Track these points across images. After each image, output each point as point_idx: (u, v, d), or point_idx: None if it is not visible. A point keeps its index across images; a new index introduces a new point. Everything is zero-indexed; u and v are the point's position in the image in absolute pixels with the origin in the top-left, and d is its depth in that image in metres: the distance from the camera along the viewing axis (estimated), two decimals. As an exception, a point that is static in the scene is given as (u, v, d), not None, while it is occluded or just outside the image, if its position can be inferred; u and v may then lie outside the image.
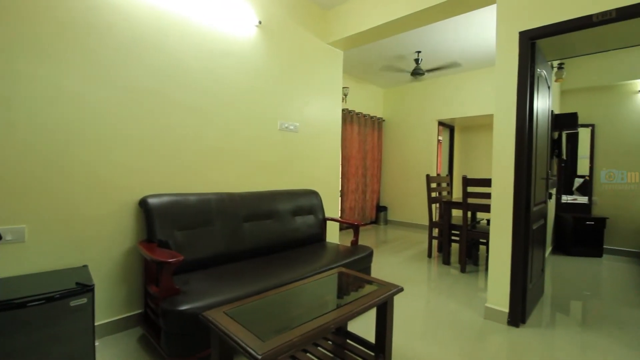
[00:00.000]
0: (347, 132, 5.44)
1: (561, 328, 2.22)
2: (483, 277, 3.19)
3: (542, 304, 2.61)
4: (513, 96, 2.21)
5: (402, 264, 3.65)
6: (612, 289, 3.02)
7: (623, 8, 1.84)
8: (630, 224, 4.13)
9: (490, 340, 2.04)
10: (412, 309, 2.47)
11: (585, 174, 4.47)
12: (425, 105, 5.78)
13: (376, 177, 6.14)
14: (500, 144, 2.27)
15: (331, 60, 3.44)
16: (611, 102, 4.32)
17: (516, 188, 2.19)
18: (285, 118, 2.97)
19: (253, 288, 1.71)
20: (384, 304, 1.54)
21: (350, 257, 2.30)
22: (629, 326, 2.24)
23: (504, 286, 2.24)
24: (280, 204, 2.57)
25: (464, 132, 7.12)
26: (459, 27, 3.71)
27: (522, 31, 2.18)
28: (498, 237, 2.28)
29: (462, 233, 3.37)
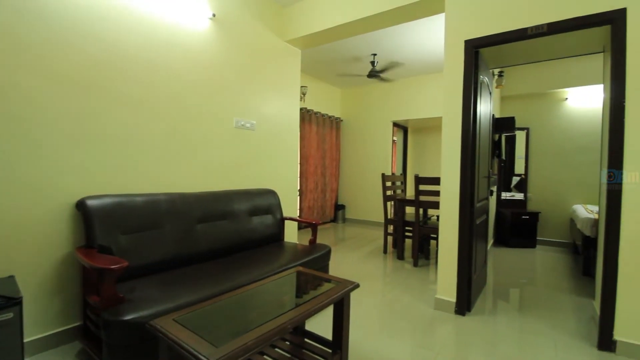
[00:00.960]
0: (305, 131, 5.45)
1: (502, 314, 2.42)
2: (434, 270, 3.38)
3: (485, 293, 2.83)
4: (459, 100, 2.36)
5: (359, 260, 3.75)
6: (545, 277, 3.36)
7: (553, 23, 2.05)
8: (558, 217, 4.63)
9: (439, 329, 2.17)
10: (369, 304, 2.54)
11: (521, 173, 4.92)
12: (381, 107, 5.97)
13: (334, 176, 6.23)
14: (448, 144, 2.42)
15: (289, 58, 3.42)
16: (543, 108, 4.80)
17: (462, 186, 2.35)
18: (242, 115, 2.90)
19: (206, 292, 1.65)
20: (341, 301, 1.56)
21: (308, 256, 2.31)
22: (558, 309, 2.51)
23: (451, 278, 2.40)
24: (237, 204, 2.50)
25: (416, 133, 7.48)
26: (413, 33, 3.88)
27: (467, 40, 2.34)
28: (446, 232, 2.43)
29: (415, 229, 3.54)
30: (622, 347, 1.86)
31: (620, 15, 1.86)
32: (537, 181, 4.82)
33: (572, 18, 1.99)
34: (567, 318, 2.34)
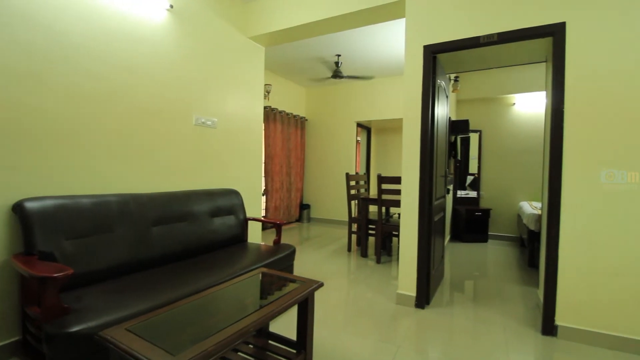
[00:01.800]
0: (270, 130, 5.38)
1: (458, 306, 2.56)
2: (396, 267, 3.49)
3: (442, 286, 2.97)
4: (418, 103, 2.46)
5: (324, 259, 3.77)
6: (495, 269, 3.60)
7: (502, 33, 2.20)
8: (507, 213, 5.00)
9: (401, 323, 2.24)
10: (334, 302, 2.56)
11: (475, 172, 5.24)
12: (345, 107, 6.06)
13: (300, 176, 6.22)
14: (408, 145, 2.50)
15: (252, 55, 3.35)
16: (494, 111, 5.15)
17: (421, 185, 2.45)
18: (202, 112, 2.79)
19: (163, 298, 1.56)
20: (305, 300, 1.56)
21: (272, 257, 2.27)
22: (507, 299, 2.70)
23: (411, 273, 2.49)
24: (197, 205, 2.40)
25: (380, 133, 7.69)
26: (377, 36, 3.97)
27: (426, 45, 2.44)
28: (406, 229, 2.52)
29: (378, 227, 3.63)
30: (562, 331, 2.04)
31: (561, 29, 2.04)
32: (488, 180, 5.16)
33: (519, 29, 2.15)
34: (515, 306, 2.53)
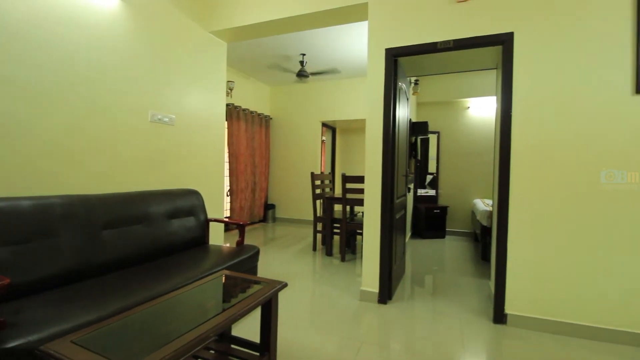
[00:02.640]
0: (234, 128, 5.24)
1: (418, 300, 2.67)
2: (360, 264, 3.56)
3: (404, 281, 3.08)
4: (380, 104, 2.52)
5: (289, 259, 3.75)
6: (452, 263, 3.80)
7: (458, 39, 2.32)
8: (463, 210, 5.30)
9: (364, 319, 2.29)
10: (298, 302, 2.56)
11: (433, 172, 5.50)
12: (310, 107, 6.07)
13: (264, 175, 6.13)
14: (371, 145, 2.56)
15: (214, 50, 3.24)
16: (451, 114, 5.43)
17: (383, 184, 2.52)
18: (159, 109, 2.64)
19: (116, 306, 1.46)
20: (269, 302, 1.54)
21: (235, 259, 2.21)
22: (463, 291, 2.85)
23: (374, 270, 2.55)
24: (153, 206, 2.27)
25: (344, 133, 7.80)
26: (340, 37, 4.01)
27: (388, 48, 2.51)
28: (369, 227, 2.58)
29: (342, 226, 3.68)
30: (511, 319, 2.20)
31: (509, 38, 2.20)
32: (446, 179, 5.43)
33: (472, 37, 2.28)
34: (469, 298, 2.69)
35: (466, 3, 2.29)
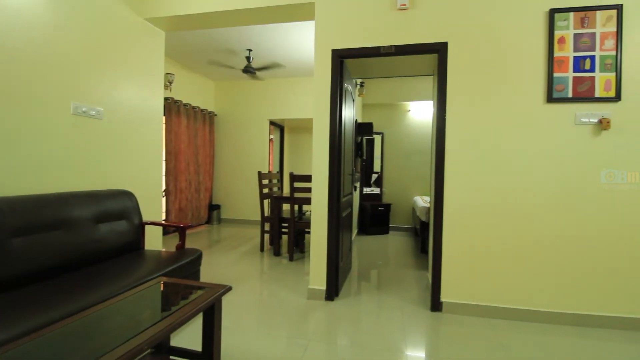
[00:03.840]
0: (174, 124, 4.91)
1: (364, 294, 2.76)
2: (308, 263, 3.58)
3: (350, 277, 3.17)
4: (327, 104, 2.55)
5: (236, 261, 3.63)
6: (395, 257, 4.01)
7: (399, 45, 2.44)
8: (404, 207, 5.61)
9: (311, 317, 2.30)
10: (245, 305, 2.48)
11: (378, 171, 5.74)
12: (258, 104, 5.94)
13: (209, 174, 5.85)
14: (318, 145, 2.58)
15: (150, 39, 2.99)
16: (393, 116, 5.72)
17: (330, 182, 2.55)
18: (84, 100, 2.37)
19: (28, 325, 1.27)
20: (211, 307, 1.46)
21: (174, 264, 2.07)
22: (404, 283, 3.02)
23: (321, 267, 2.58)
24: (76, 210, 2.02)
25: (293, 132, 7.78)
26: (289, 35, 3.98)
27: (334, 49, 2.55)
28: (317, 225, 2.60)
29: (290, 225, 3.66)
30: (446, 306, 2.39)
31: (444, 47, 2.37)
32: (389, 177, 5.71)
33: (412, 44, 2.42)
34: (410, 289, 2.85)
35: (406, 12, 2.42)
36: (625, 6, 2.12)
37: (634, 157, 2.14)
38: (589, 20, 2.17)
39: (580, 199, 2.21)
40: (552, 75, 2.22)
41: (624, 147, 2.15)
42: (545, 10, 2.22)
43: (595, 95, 2.17)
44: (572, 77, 2.20)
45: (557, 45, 2.21)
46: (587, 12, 2.17)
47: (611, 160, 2.17)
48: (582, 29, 2.18)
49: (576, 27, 2.19)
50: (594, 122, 2.17)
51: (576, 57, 2.20)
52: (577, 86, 2.19)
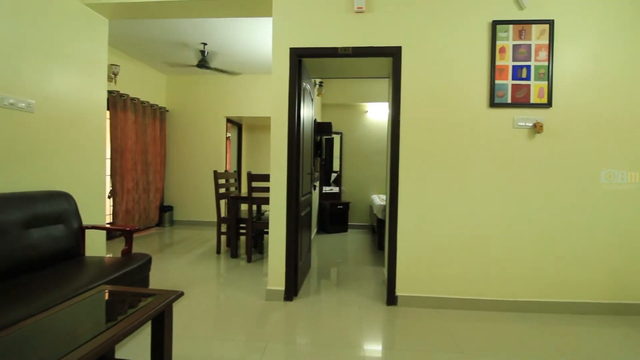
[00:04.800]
0: (119, 119, 4.56)
1: (324, 292, 2.78)
2: (267, 264, 3.52)
3: (310, 276, 3.17)
4: (285, 103, 2.53)
5: (190, 265, 3.47)
6: (354, 254, 4.09)
7: (356, 47, 2.48)
8: (362, 205, 5.75)
9: (270, 318, 2.27)
10: (200, 310, 2.37)
11: (337, 170, 5.82)
12: (214, 100, 5.72)
13: (160, 174, 5.52)
14: (277, 143, 2.55)
15: (90, 26, 2.74)
16: (352, 117, 5.83)
17: (288, 182, 2.53)
18: (10, 91, 2.10)
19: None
20: (160, 315, 1.38)
21: (119, 271, 1.91)
22: (362, 279, 3.09)
23: (280, 268, 2.55)
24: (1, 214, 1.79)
25: (251, 130, 7.61)
26: (248, 30, 3.87)
27: (292, 48, 2.52)
28: (275, 225, 2.56)
29: (248, 225, 3.58)
30: (401, 300, 2.48)
31: (398, 51, 2.46)
32: (348, 176, 5.82)
33: (369, 46, 2.47)
34: (368, 285, 2.93)
35: (363, 15, 2.47)
36: (556, 22, 2.36)
37: (562, 157, 2.39)
38: (526, 33, 2.38)
39: (518, 196, 2.42)
40: (494, 82, 2.40)
41: (554, 148, 2.39)
42: (489, 21, 2.40)
43: (531, 101, 2.39)
44: (511, 85, 2.40)
45: (499, 55, 2.40)
46: (524, 25, 2.38)
47: (544, 160, 2.40)
48: (520, 40, 2.39)
49: (515, 38, 2.39)
50: (530, 126, 2.39)
51: (515, 66, 2.40)
52: (516, 93, 2.40)
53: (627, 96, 2.36)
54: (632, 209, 2.37)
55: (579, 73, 2.38)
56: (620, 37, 2.35)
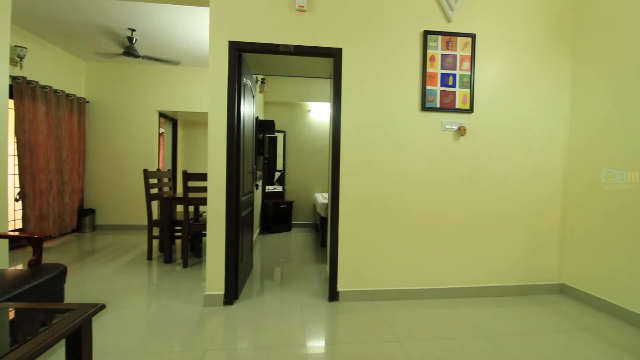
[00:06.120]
0: (27, 110, 3.93)
1: (267, 293, 2.72)
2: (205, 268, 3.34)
3: (252, 277, 3.09)
4: (224, 99, 2.42)
5: (116, 274, 3.13)
6: (297, 253, 4.09)
7: (298, 46, 2.47)
8: (306, 204, 5.79)
9: (208, 324, 2.15)
10: (129, 322, 2.16)
11: (281, 169, 5.77)
12: (145, 93, 5.25)
13: (78, 173, 4.89)
14: (214, 141, 2.42)
15: (-15, -2, 2.31)
16: (295, 115, 5.82)
17: (228, 181, 2.43)
18: None
19: None
20: (76, 332, 1.21)
21: (25, 285, 1.64)
22: (305, 277, 3.10)
23: (219, 271, 2.44)
24: None
25: (188, 126, 7.16)
26: (182, 19, 3.62)
27: (231, 41, 2.42)
28: (214, 226, 2.44)
29: (184, 228, 3.36)
30: (342, 295, 2.55)
31: (339, 53, 2.51)
32: (292, 175, 5.80)
33: (311, 46, 2.48)
34: (311, 282, 2.95)
35: (305, 14, 2.47)
36: (477, 36, 2.63)
37: (482, 156, 2.68)
38: (452, 44, 2.61)
39: (446, 191, 2.65)
40: (425, 88, 2.59)
41: (475, 148, 2.66)
42: (421, 31, 2.58)
43: (456, 107, 2.63)
44: (439, 91, 2.61)
45: (429, 62, 2.59)
46: (451, 37, 2.61)
47: (467, 159, 2.66)
48: (447, 50, 2.61)
49: (443, 48, 2.61)
50: (455, 129, 2.63)
51: (443, 74, 2.62)
52: (444, 98, 2.62)
53: (529, 104, 2.73)
54: (536, 202, 2.75)
55: (494, 82, 2.68)
56: (528, 52, 2.70)
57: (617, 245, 2.36)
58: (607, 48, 2.46)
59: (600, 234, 2.49)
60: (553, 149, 2.76)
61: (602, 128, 2.49)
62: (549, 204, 2.77)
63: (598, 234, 2.51)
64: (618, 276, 2.35)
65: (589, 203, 2.59)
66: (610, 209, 2.42)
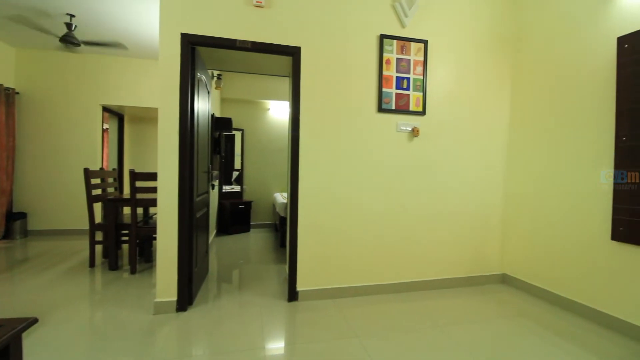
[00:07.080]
0: (-63, 100, 3.40)
1: (224, 297, 2.62)
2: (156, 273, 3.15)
3: (207, 282, 2.97)
4: (176, 94, 2.29)
5: (52, 284, 2.83)
6: (256, 254, 4.00)
7: (256, 42, 2.41)
8: (265, 204, 5.69)
9: (159, 333, 2.03)
10: (69, 337, 1.95)
11: (239, 168, 5.62)
12: (86, 85, 4.80)
13: (6, 173, 4.35)
14: (165, 138, 2.29)
15: None
16: (254, 113, 5.70)
17: (180, 181, 2.31)
18: None
19: None
20: (4, 350, 1.07)
21: None
22: (265, 278, 3.05)
23: (171, 276, 2.31)
24: None
25: (135, 122, 6.70)
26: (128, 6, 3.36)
27: (184, 33, 2.30)
28: (165, 229, 2.30)
29: (132, 232, 3.13)
30: (301, 295, 2.54)
31: (297, 52, 2.49)
32: (250, 175, 5.68)
33: (269, 43, 2.44)
34: (270, 283, 2.91)
35: (263, 10, 2.42)
36: (429, 42, 2.76)
37: (434, 156, 2.83)
38: (406, 49, 2.72)
39: (400, 189, 2.75)
40: (381, 90, 2.67)
41: (427, 150, 2.81)
42: (377, 34, 2.66)
43: (410, 109, 2.75)
44: (395, 93, 2.71)
45: (385, 65, 2.68)
46: (405, 42, 2.72)
47: (420, 159, 2.79)
48: (402, 54, 2.71)
49: (398, 52, 2.71)
50: (409, 130, 2.75)
51: (398, 77, 2.72)
52: (399, 100, 2.72)
53: (475, 107, 2.94)
54: (481, 200, 2.96)
55: (445, 87, 2.84)
56: (474, 60, 2.90)
57: (549, 237, 2.64)
58: (538, 61, 2.73)
59: (535, 229, 2.76)
60: (496, 150, 3.00)
61: (538, 128, 2.76)
62: (493, 201, 3.00)
63: (534, 228, 2.78)
64: (550, 265, 2.62)
65: (526, 202, 2.86)
66: (546, 206, 2.69)
